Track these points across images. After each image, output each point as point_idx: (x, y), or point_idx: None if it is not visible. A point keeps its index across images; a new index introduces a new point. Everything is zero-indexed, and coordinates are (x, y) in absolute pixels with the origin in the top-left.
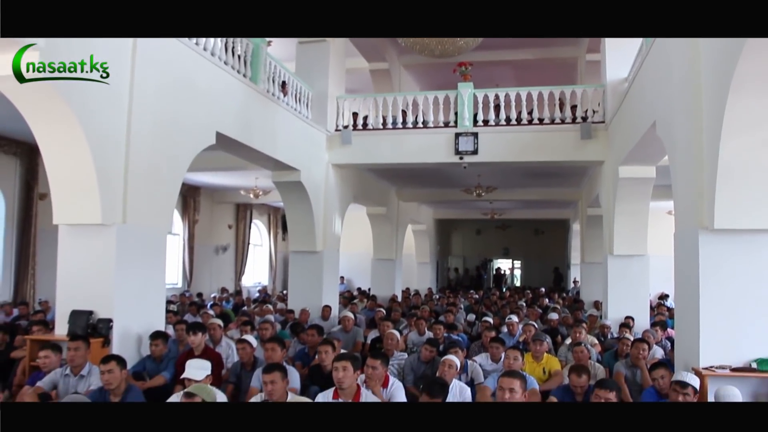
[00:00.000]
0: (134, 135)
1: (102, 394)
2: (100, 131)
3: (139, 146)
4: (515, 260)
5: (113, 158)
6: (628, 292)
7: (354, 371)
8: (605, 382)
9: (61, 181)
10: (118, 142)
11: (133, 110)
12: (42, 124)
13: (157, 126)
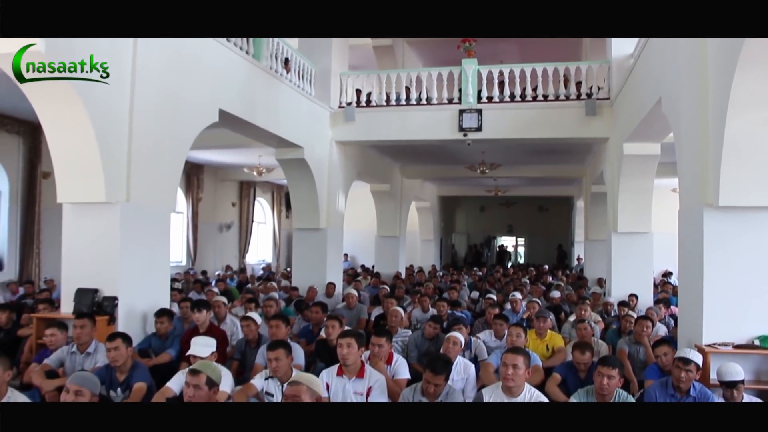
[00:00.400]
0: (137, 113)
1: (108, 371)
2: (103, 109)
3: (142, 124)
4: (519, 237)
5: (116, 136)
6: (632, 269)
7: (358, 348)
8: (608, 359)
9: (65, 159)
10: (121, 120)
11: (136, 88)
12: (44, 102)
13: (160, 104)
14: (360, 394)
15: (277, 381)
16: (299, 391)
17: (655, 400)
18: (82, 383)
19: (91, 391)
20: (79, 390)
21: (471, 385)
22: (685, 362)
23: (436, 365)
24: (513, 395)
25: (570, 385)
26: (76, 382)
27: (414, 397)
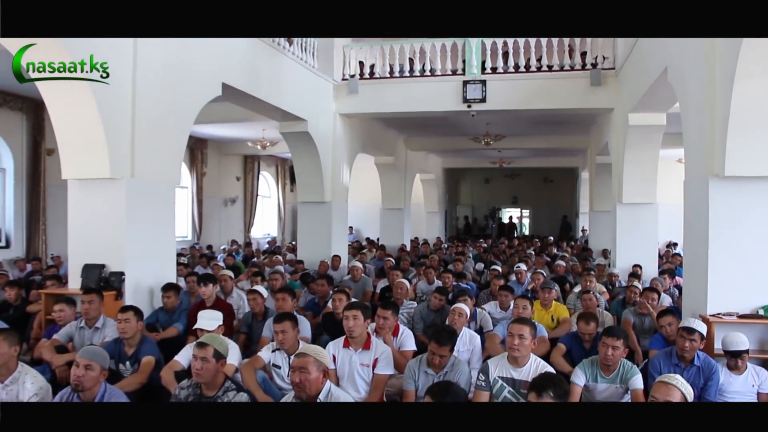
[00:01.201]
0: (140, 88)
1: (117, 345)
2: (106, 85)
3: (145, 99)
4: (524, 209)
5: (119, 112)
6: (637, 240)
7: (364, 320)
8: (612, 330)
9: (68, 136)
10: (124, 95)
11: (138, 63)
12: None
13: (162, 78)
14: (366, 365)
15: (284, 353)
16: (306, 363)
17: (659, 369)
18: (92, 357)
19: (101, 365)
20: (89, 364)
21: (477, 356)
22: (690, 332)
23: (440, 337)
24: (519, 365)
25: (575, 355)
26: (86, 357)
27: (419, 368)
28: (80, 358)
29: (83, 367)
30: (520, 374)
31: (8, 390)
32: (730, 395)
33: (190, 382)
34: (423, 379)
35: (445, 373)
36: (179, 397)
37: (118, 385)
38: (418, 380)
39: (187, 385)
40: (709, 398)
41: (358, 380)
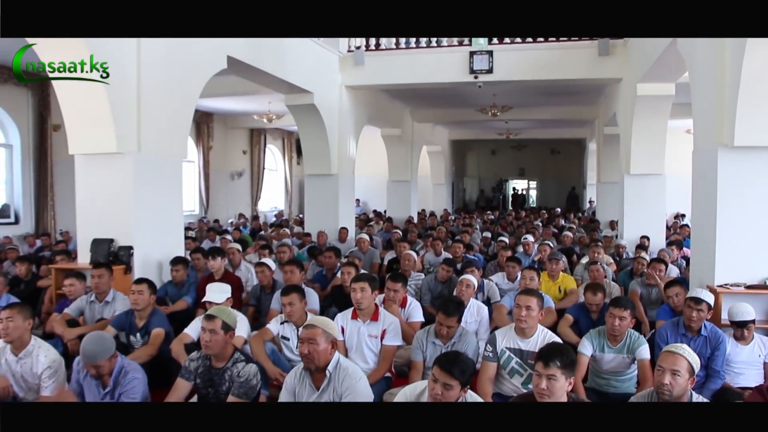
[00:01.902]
0: (145, 62)
1: (128, 317)
2: (111, 59)
3: (150, 73)
4: (531, 180)
5: (125, 86)
6: (645, 211)
7: (372, 292)
8: (619, 300)
9: (74, 111)
10: (129, 69)
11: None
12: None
13: (167, 52)
14: (374, 337)
15: (292, 325)
16: (315, 334)
17: (666, 339)
18: (94, 359)
19: (106, 358)
20: (96, 365)
21: (484, 327)
22: (697, 302)
23: (448, 307)
24: (526, 336)
25: (582, 325)
26: (90, 362)
27: (427, 339)
28: (86, 362)
29: (93, 368)
30: (528, 345)
31: (22, 363)
32: (736, 365)
33: (200, 354)
34: (431, 350)
35: (452, 343)
36: (189, 368)
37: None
38: (425, 351)
39: (197, 357)
40: (715, 368)
41: (367, 351)
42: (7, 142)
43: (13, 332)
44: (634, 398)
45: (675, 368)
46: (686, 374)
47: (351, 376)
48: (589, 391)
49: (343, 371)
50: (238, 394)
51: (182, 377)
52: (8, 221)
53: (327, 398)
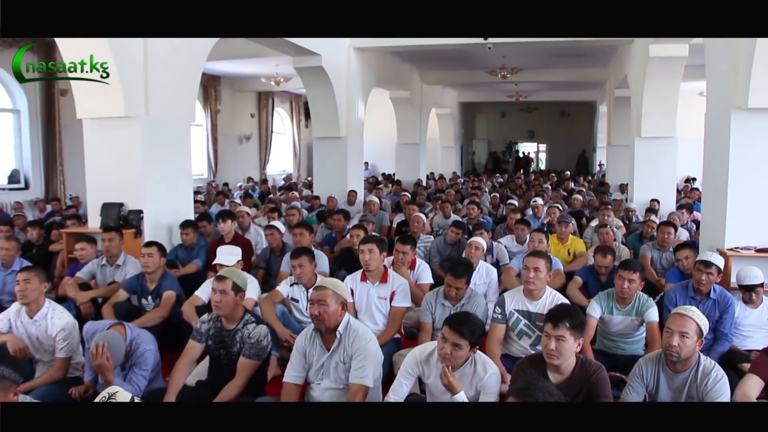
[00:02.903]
0: None
1: (139, 280)
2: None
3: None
4: (540, 143)
5: (132, 49)
6: (655, 174)
7: (380, 253)
8: (629, 263)
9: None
10: None
11: None
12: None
13: None
14: (384, 298)
15: (302, 287)
16: (325, 296)
17: (675, 302)
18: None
19: (117, 354)
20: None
21: (493, 289)
22: (707, 265)
23: (457, 269)
24: (534, 298)
25: (591, 288)
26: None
27: (436, 301)
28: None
29: (105, 358)
30: (536, 307)
31: (38, 325)
32: (744, 328)
33: (211, 315)
34: (440, 311)
35: (461, 305)
36: (201, 330)
37: (140, 320)
38: (434, 312)
39: (208, 319)
40: (724, 330)
41: (376, 313)
42: (14, 107)
43: (30, 294)
44: (642, 360)
45: (684, 330)
46: (695, 336)
47: (361, 337)
48: (597, 353)
49: (353, 332)
50: (249, 355)
51: (194, 339)
52: (18, 187)
53: (337, 359)
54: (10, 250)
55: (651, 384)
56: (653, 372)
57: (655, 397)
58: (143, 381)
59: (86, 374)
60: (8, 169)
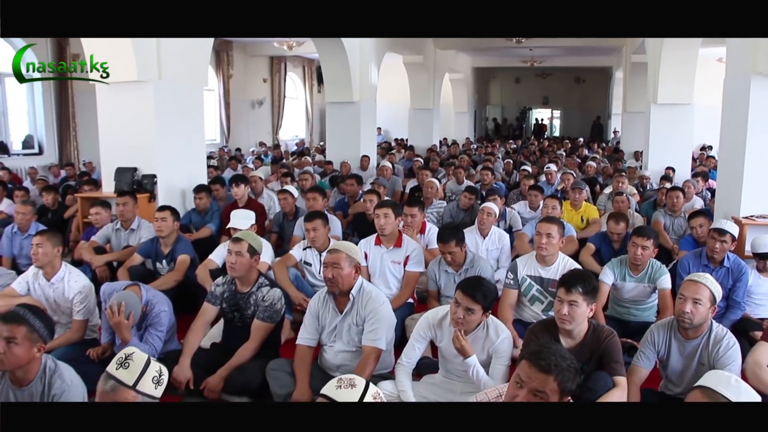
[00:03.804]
0: None
1: (154, 244)
2: None
3: None
4: (555, 109)
5: None
6: (671, 142)
7: (395, 217)
8: (643, 229)
9: (94, 39)
10: None
11: None
12: None
13: None
14: (397, 263)
15: (315, 251)
16: (339, 258)
17: (688, 270)
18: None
19: (134, 311)
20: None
21: (505, 254)
22: (721, 233)
23: (443, 235)
24: (547, 264)
25: (604, 255)
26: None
27: (439, 268)
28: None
29: (123, 316)
30: (548, 273)
31: (54, 288)
32: (757, 297)
33: (226, 278)
34: (444, 278)
35: (465, 270)
36: (215, 293)
37: (155, 284)
38: (439, 280)
39: (223, 282)
40: (737, 299)
41: (390, 277)
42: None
43: (43, 258)
44: (653, 326)
45: (697, 297)
46: (707, 303)
47: (374, 300)
48: (608, 319)
49: (367, 295)
50: (263, 318)
51: (209, 302)
52: (32, 152)
53: (350, 321)
54: (26, 215)
55: (662, 350)
56: (665, 338)
57: (666, 363)
58: (159, 342)
59: (103, 336)
60: (22, 134)
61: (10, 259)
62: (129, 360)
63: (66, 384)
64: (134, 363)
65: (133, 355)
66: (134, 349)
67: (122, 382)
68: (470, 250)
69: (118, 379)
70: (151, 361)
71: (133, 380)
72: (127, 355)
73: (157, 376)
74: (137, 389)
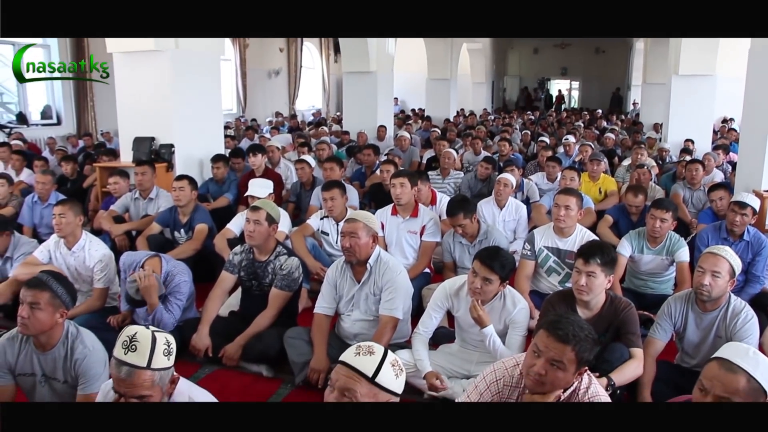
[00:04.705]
0: None
1: (172, 213)
2: None
3: None
4: (573, 80)
5: None
6: (692, 114)
7: (411, 187)
8: (662, 202)
9: None
10: None
11: None
12: None
13: None
14: (414, 232)
15: (332, 220)
16: (356, 228)
17: (707, 242)
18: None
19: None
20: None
21: (522, 226)
22: (742, 206)
23: (450, 208)
24: (564, 236)
25: (622, 227)
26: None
27: (454, 240)
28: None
29: (152, 279)
30: (566, 244)
31: (76, 256)
32: None
33: (244, 247)
34: (459, 250)
35: (479, 241)
36: (234, 261)
37: (174, 253)
38: (454, 252)
39: (241, 251)
40: (756, 273)
41: (406, 247)
42: (44, 43)
43: (66, 228)
44: (671, 298)
45: (716, 269)
46: (726, 276)
47: (392, 270)
48: (625, 291)
49: (384, 264)
50: (281, 287)
51: (227, 270)
52: (50, 122)
53: (367, 291)
54: (46, 184)
55: (679, 322)
56: (682, 310)
57: (683, 335)
58: (178, 310)
59: (123, 304)
60: (40, 105)
61: (31, 228)
62: (135, 342)
63: (88, 349)
64: (141, 344)
65: (137, 335)
66: (135, 329)
67: (136, 366)
68: (485, 220)
69: (131, 364)
70: (155, 335)
71: (146, 361)
72: (130, 337)
73: (166, 348)
74: (152, 368)
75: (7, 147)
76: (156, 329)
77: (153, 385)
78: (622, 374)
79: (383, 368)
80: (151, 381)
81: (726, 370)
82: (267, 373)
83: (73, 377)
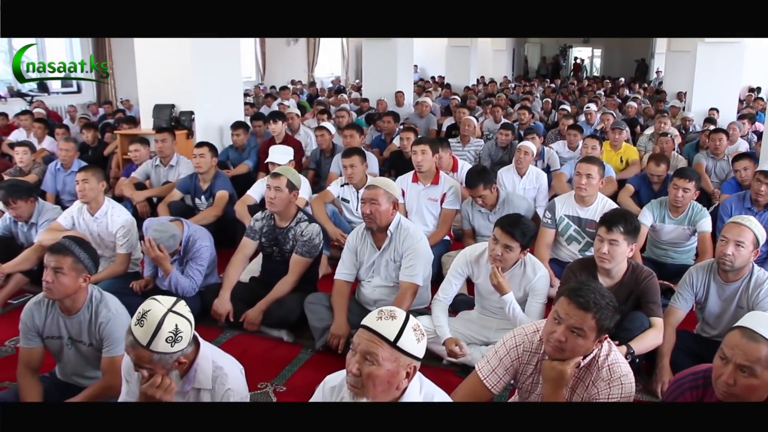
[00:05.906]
0: None
1: (192, 180)
2: None
3: None
4: (595, 48)
5: None
6: (717, 82)
7: (432, 154)
8: (684, 171)
9: None
10: None
11: None
12: None
13: None
14: (434, 200)
15: (352, 187)
16: (377, 195)
17: (730, 212)
18: (158, 238)
19: (172, 244)
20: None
21: (543, 194)
22: (767, 175)
23: (470, 180)
24: (585, 204)
25: (643, 196)
26: (154, 237)
27: (473, 208)
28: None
29: (159, 250)
30: (587, 213)
31: (99, 222)
32: None
33: (265, 213)
34: (478, 218)
35: (498, 209)
36: (254, 228)
37: (194, 219)
38: (473, 220)
39: (262, 217)
40: None
41: (427, 215)
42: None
43: (90, 193)
44: (693, 268)
45: (739, 239)
46: (750, 246)
47: (412, 236)
48: (646, 261)
49: (404, 231)
50: (302, 253)
51: (248, 236)
52: (71, 90)
53: (387, 257)
54: (69, 152)
55: (701, 292)
56: (704, 280)
57: (704, 305)
58: (199, 276)
59: (146, 269)
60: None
61: (54, 194)
62: (144, 318)
63: (111, 313)
64: (147, 322)
65: (149, 314)
66: (151, 305)
67: (138, 341)
68: (505, 188)
69: (134, 337)
70: (165, 319)
71: (146, 341)
72: (144, 311)
73: (172, 335)
74: (150, 349)
75: (29, 115)
76: (175, 311)
77: (153, 363)
78: (641, 343)
79: (405, 332)
80: (149, 358)
81: (748, 339)
82: (288, 338)
83: (98, 340)
